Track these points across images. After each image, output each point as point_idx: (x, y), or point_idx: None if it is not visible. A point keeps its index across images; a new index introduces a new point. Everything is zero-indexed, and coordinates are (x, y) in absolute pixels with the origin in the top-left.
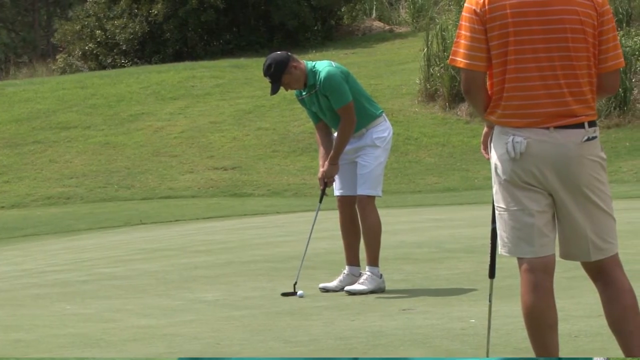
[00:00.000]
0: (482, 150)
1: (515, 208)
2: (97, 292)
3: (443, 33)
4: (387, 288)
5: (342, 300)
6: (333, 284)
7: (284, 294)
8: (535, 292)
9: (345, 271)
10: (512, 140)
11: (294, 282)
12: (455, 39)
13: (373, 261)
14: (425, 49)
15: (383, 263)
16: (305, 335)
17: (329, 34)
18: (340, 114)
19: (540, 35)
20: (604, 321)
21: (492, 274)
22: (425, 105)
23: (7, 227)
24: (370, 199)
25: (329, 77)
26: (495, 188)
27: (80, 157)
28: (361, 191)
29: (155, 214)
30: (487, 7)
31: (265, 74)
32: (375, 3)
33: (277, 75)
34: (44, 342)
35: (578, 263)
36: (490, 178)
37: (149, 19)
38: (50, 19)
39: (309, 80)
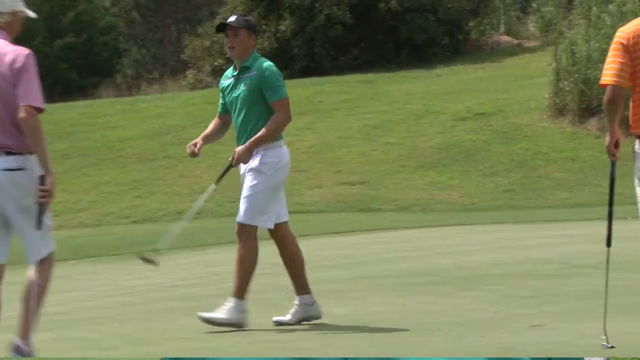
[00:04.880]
0: (611, 149)
1: None
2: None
3: (572, 47)
4: (515, 303)
5: (470, 316)
6: (287, 317)
7: None
8: None
9: (297, 302)
10: None
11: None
12: (605, 65)
13: (237, 292)
14: (554, 63)
15: (510, 278)
16: (431, 351)
17: (457, 48)
18: (275, 108)
19: None
20: None
21: (609, 244)
22: (554, 120)
23: (139, 242)
24: (245, 227)
25: (272, 68)
26: (637, 191)
27: (210, 172)
28: (237, 218)
29: None
30: (631, 41)
31: (231, 20)
32: (503, 17)
33: (245, 24)
34: (172, 355)
35: None
36: (620, 194)
37: (277, 35)
38: (180, 36)
39: (246, 62)
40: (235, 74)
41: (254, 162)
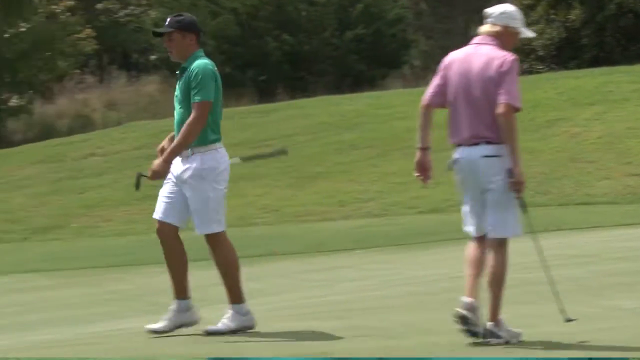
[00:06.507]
0: None
1: None
2: (517, 297)
3: None
4: None
5: None
6: (160, 325)
7: None
8: None
9: (173, 307)
10: None
11: None
12: None
13: (233, 299)
14: None
15: None
16: None
17: None
18: (194, 109)
19: None
20: None
21: None
22: None
23: (424, 232)
24: (212, 236)
25: (203, 68)
26: None
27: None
28: (199, 232)
29: (572, 220)
30: None
31: (163, 28)
32: None
33: (176, 26)
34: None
35: None
36: None
37: (566, 24)
38: (468, 27)
39: (186, 62)
40: (178, 72)
41: (193, 168)
